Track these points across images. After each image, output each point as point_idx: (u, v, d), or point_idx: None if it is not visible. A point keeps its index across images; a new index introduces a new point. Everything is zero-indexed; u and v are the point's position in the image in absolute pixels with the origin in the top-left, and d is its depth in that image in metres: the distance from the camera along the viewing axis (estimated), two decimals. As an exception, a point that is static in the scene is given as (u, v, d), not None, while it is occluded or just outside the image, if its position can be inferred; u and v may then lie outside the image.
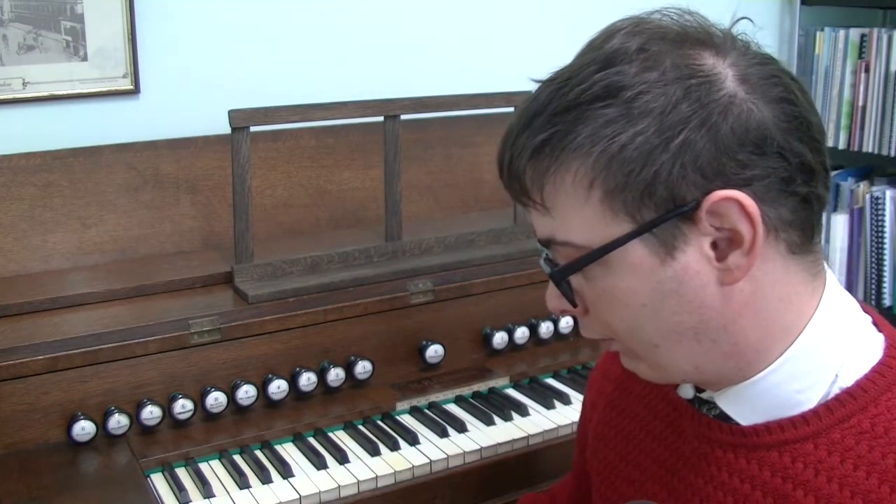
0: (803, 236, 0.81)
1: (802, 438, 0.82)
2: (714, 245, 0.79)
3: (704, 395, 0.90)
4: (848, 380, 0.83)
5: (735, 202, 0.76)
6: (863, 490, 0.79)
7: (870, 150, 2.71)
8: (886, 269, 2.69)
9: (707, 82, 0.77)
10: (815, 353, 0.83)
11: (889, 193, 2.67)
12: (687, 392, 0.93)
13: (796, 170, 0.78)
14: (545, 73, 0.83)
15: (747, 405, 0.86)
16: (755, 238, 0.77)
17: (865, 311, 0.89)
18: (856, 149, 2.74)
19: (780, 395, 0.84)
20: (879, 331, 0.87)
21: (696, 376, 0.87)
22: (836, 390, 0.83)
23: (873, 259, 2.71)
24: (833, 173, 2.81)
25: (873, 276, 2.71)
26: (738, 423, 0.86)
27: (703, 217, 0.77)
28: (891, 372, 0.83)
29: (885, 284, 2.70)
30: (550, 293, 0.87)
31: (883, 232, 2.68)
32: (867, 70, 2.69)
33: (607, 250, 0.79)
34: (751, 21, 0.86)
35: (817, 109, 0.83)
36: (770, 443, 0.84)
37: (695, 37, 0.80)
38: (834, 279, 0.87)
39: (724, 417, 0.88)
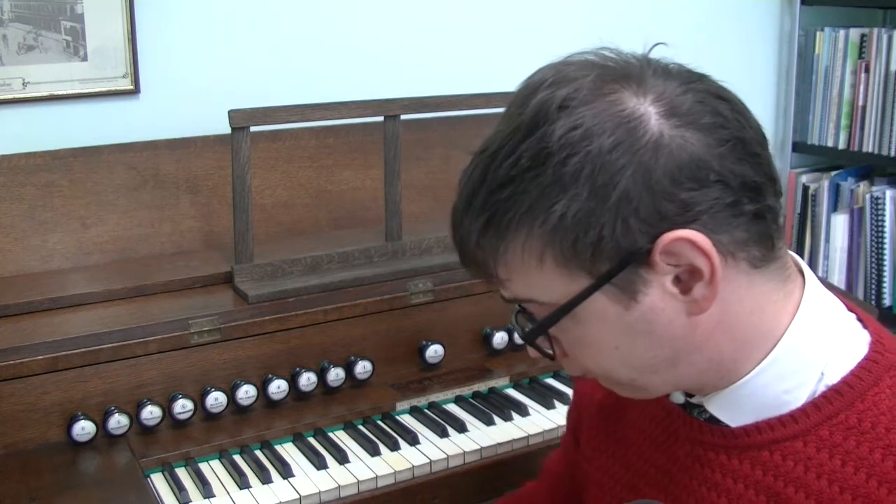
0: (763, 249, 0.81)
1: (791, 437, 0.83)
2: (677, 279, 0.79)
3: (694, 400, 0.91)
4: (834, 377, 0.83)
5: (686, 241, 0.76)
6: (852, 485, 0.79)
7: (870, 150, 2.71)
8: (886, 269, 2.69)
9: (632, 128, 0.76)
10: (799, 353, 0.84)
11: (889, 193, 2.67)
12: (678, 398, 0.93)
13: (740, 191, 0.77)
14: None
15: (735, 407, 0.86)
16: (713, 269, 0.77)
17: (850, 310, 0.89)
18: (856, 149, 2.75)
19: (768, 395, 0.84)
20: (864, 328, 0.88)
21: (679, 387, 0.89)
22: (822, 388, 0.83)
23: (873, 259, 2.71)
24: (833, 173, 2.81)
25: (873, 276, 2.71)
26: (728, 426, 0.87)
27: (658, 260, 0.77)
28: (876, 367, 0.83)
29: (885, 284, 2.70)
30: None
31: (883, 232, 2.68)
32: (867, 70, 2.69)
33: (571, 307, 0.80)
34: (665, 45, 0.84)
35: (754, 120, 0.81)
36: (760, 442, 0.85)
37: (615, 72, 0.79)
38: (814, 279, 0.87)
39: (715, 420, 0.88)
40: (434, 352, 1.65)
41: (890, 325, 2.54)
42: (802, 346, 0.84)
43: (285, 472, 1.39)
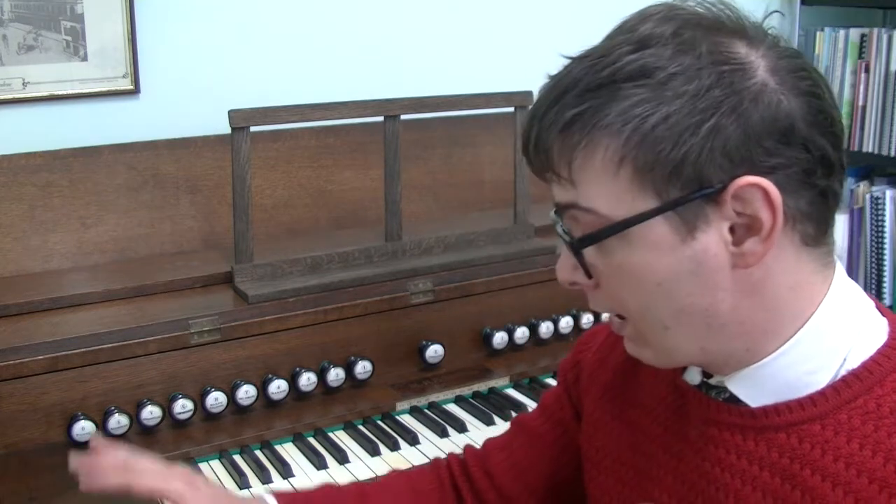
0: (818, 229, 0.83)
1: (809, 419, 0.84)
2: (732, 229, 0.80)
3: (713, 381, 0.91)
4: (854, 362, 0.84)
5: (760, 189, 0.77)
6: (868, 468, 0.80)
7: (870, 150, 2.71)
8: (886, 269, 2.69)
9: (740, 69, 0.78)
10: (824, 337, 0.84)
11: (889, 193, 2.67)
12: (694, 378, 0.93)
13: (818, 163, 0.80)
14: (545, 72, 0.84)
15: (757, 386, 0.86)
16: (774, 226, 0.78)
17: (868, 297, 0.90)
18: (856, 149, 2.74)
19: (790, 376, 0.85)
20: (882, 315, 0.89)
21: (702, 358, 0.87)
22: (843, 372, 0.84)
23: (873, 259, 2.71)
24: (833, 173, 2.81)
25: (873, 276, 2.71)
26: (746, 406, 0.87)
27: (728, 201, 0.78)
28: (895, 353, 0.84)
29: (885, 284, 2.70)
30: (563, 264, 0.87)
31: (883, 232, 2.68)
32: (867, 70, 2.69)
33: (631, 223, 0.79)
34: (782, 14, 0.87)
35: (839, 111, 0.84)
36: (778, 424, 0.85)
37: (728, 26, 0.82)
38: (842, 268, 0.89)
39: (733, 400, 0.88)
40: (434, 352, 1.65)
41: (890, 325, 2.53)
42: (829, 329, 0.84)
43: (285, 472, 1.39)
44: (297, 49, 2.02)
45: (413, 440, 1.48)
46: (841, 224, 2.77)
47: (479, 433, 1.50)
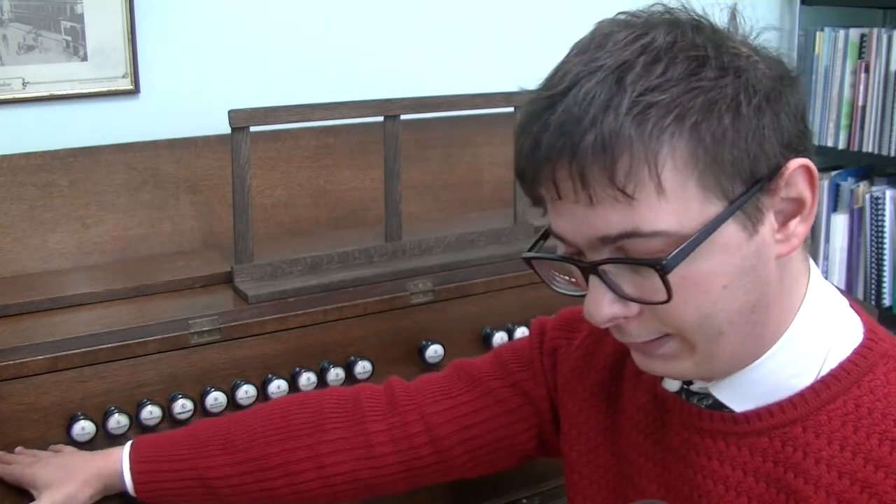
0: None
1: (791, 422, 0.83)
2: (777, 214, 0.80)
3: (695, 388, 0.90)
4: (833, 363, 0.84)
5: (806, 169, 0.79)
6: (850, 471, 0.80)
7: (870, 150, 2.71)
8: (886, 269, 2.69)
9: (783, 63, 0.81)
10: (807, 337, 0.84)
11: (889, 193, 2.67)
12: (672, 385, 0.93)
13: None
14: (544, 72, 0.83)
15: (744, 392, 0.86)
16: (814, 204, 0.80)
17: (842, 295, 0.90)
18: (856, 149, 2.75)
19: (776, 380, 0.85)
20: (856, 314, 0.89)
21: (727, 367, 0.84)
22: (824, 373, 0.84)
23: (873, 259, 2.71)
24: (833, 173, 2.81)
25: (873, 276, 2.72)
26: (730, 411, 0.87)
27: (781, 186, 0.78)
28: (871, 354, 0.84)
29: (885, 284, 2.70)
30: (599, 300, 0.79)
31: (883, 232, 2.68)
32: (867, 70, 2.69)
33: (710, 231, 0.75)
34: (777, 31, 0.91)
35: (815, 110, 0.88)
36: (761, 428, 0.85)
37: (719, 28, 0.83)
38: (816, 267, 0.89)
39: (717, 407, 0.88)
40: (434, 352, 1.65)
41: (890, 325, 2.54)
42: (811, 328, 0.84)
43: (285, 472, 1.39)
44: (297, 49, 2.02)
45: (413, 440, 1.47)
46: (841, 224, 2.77)
47: (479, 433, 1.50)
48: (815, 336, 0.84)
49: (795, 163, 0.78)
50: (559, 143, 0.75)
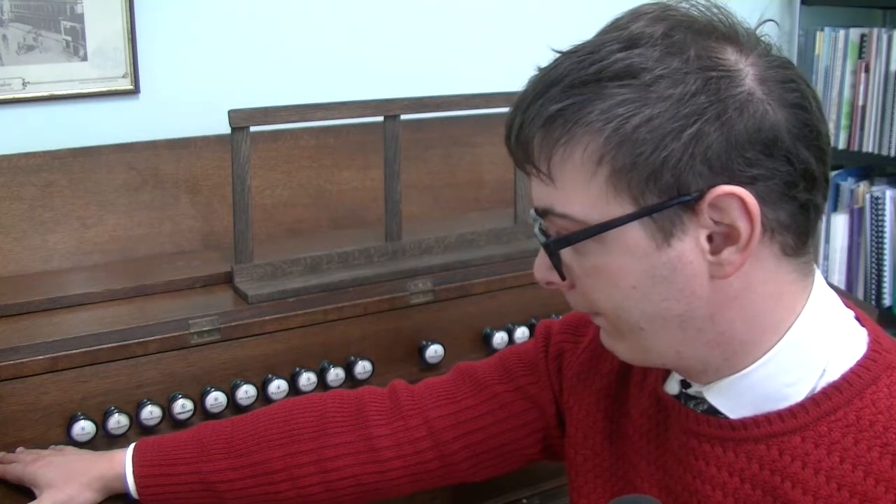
0: (798, 241, 0.82)
1: (790, 431, 0.83)
2: (710, 238, 0.79)
3: (692, 391, 0.90)
4: (834, 374, 0.84)
5: (738, 198, 0.77)
6: (849, 482, 0.80)
7: (870, 150, 2.71)
8: (886, 269, 2.69)
9: (727, 77, 0.77)
10: (804, 348, 0.84)
11: (889, 193, 2.67)
12: (673, 388, 0.93)
13: (800, 176, 0.79)
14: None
15: (736, 398, 0.86)
16: (752, 236, 0.78)
17: (848, 307, 0.90)
18: (856, 149, 2.75)
19: (770, 388, 0.84)
20: (862, 325, 0.88)
21: (678, 362, 0.87)
22: (823, 384, 0.84)
23: (873, 259, 2.71)
24: (833, 173, 2.81)
25: (873, 276, 2.72)
26: (726, 417, 0.87)
27: (705, 209, 0.77)
28: (875, 366, 0.84)
29: (885, 284, 2.70)
30: (540, 263, 0.88)
31: (883, 232, 2.68)
32: (867, 70, 2.69)
33: (606, 228, 0.79)
34: (776, 24, 0.87)
35: (826, 124, 0.84)
36: (758, 436, 0.85)
37: (720, 31, 0.81)
38: (820, 276, 0.88)
39: (712, 412, 0.88)
40: (434, 352, 1.65)
41: (890, 325, 2.55)
42: (809, 340, 0.84)
43: (285, 472, 1.39)
44: (297, 49, 2.02)
45: (413, 440, 1.47)
46: (841, 224, 2.77)
47: (479, 433, 1.50)
48: (812, 347, 0.84)
49: (723, 189, 0.76)
50: (515, 113, 0.83)
